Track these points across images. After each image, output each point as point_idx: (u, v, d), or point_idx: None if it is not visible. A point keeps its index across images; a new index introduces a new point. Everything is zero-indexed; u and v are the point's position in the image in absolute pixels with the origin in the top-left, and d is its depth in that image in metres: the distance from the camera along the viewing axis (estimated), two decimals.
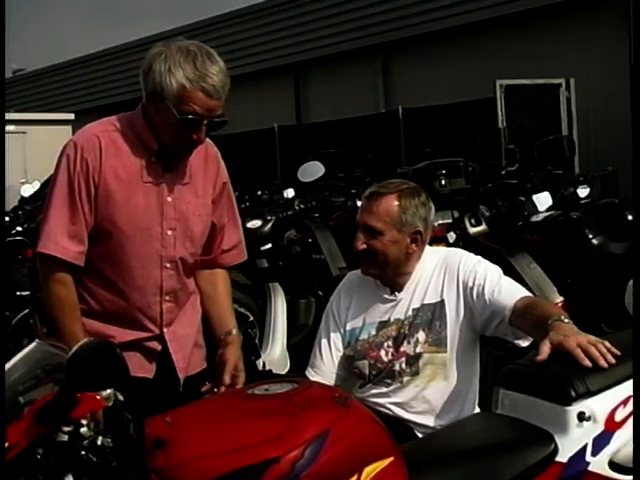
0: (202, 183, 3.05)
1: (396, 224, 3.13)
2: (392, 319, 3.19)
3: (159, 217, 2.94)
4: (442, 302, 3.14)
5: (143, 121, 2.93)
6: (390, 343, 3.17)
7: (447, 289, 3.15)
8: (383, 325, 3.20)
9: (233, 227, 3.21)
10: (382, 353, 3.17)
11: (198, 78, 2.77)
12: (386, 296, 3.23)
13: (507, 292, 3.05)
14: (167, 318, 3.01)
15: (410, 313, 3.16)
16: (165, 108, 2.82)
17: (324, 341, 3.31)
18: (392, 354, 3.15)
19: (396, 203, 3.15)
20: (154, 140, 2.92)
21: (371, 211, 3.16)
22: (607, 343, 2.65)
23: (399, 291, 3.22)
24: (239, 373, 2.96)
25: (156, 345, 3.00)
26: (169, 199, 2.95)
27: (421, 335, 3.13)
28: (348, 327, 3.26)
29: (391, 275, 3.21)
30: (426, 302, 3.16)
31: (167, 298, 3.02)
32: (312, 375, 3.27)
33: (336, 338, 3.29)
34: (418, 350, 3.12)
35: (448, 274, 3.17)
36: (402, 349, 3.14)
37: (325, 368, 3.27)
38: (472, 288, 3.09)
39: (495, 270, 3.17)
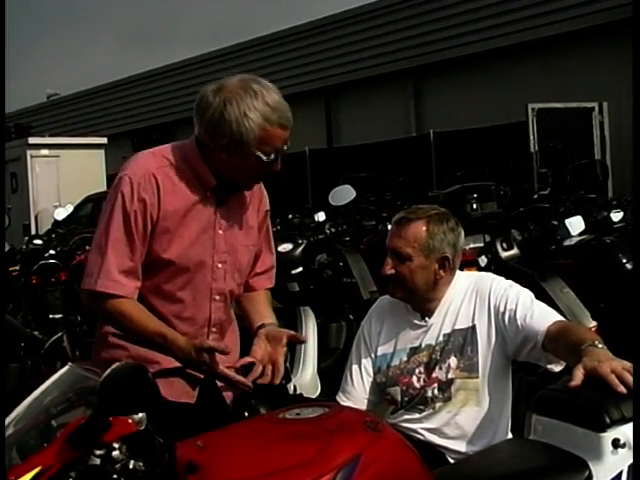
0: (250, 213, 3.09)
1: (424, 250, 3.14)
2: (423, 345, 3.18)
3: (211, 251, 2.96)
4: (473, 327, 3.13)
5: (200, 157, 2.92)
6: (422, 369, 3.16)
7: (478, 314, 3.14)
8: (414, 351, 3.19)
9: (268, 253, 3.25)
10: (414, 379, 3.16)
11: (275, 115, 2.80)
12: (417, 321, 3.22)
13: (540, 316, 3.03)
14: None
15: (441, 339, 3.15)
16: (245, 153, 2.83)
17: (355, 366, 3.30)
18: (424, 380, 3.14)
19: (424, 229, 3.15)
20: (212, 177, 2.92)
21: (399, 236, 3.17)
22: None
23: (429, 316, 3.21)
24: (269, 366, 2.93)
25: (200, 373, 2.99)
26: (220, 232, 2.98)
27: (453, 361, 3.12)
28: (379, 352, 3.26)
29: (420, 300, 3.20)
30: (457, 327, 3.15)
31: (214, 330, 3.06)
32: (343, 400, 3.26)
33: (367, 363, 3.28)
34: (450, 376, 3.11)
35: (479, 299, 3.16)
36: (434, 375, 3.13)
37: (356, 393, 3.26)
38: (504, 313, 3.08)
39: (527, 294, 3.15)
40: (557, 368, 3.03)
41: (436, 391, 3.12)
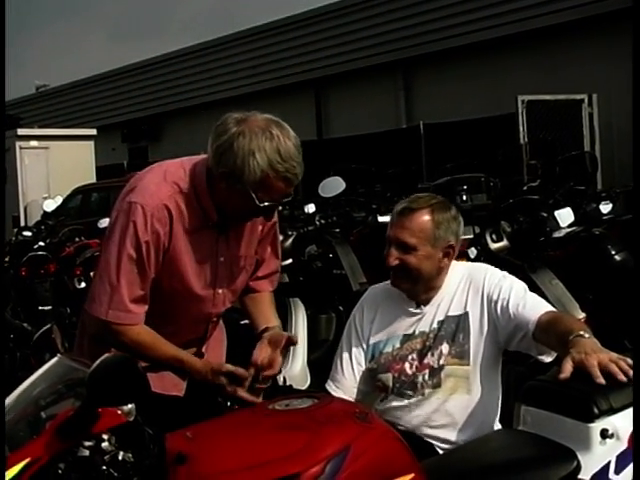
0: (249, 235, 3.05)
1: (430, 239, 3.13)
2: (417, 332, 3.18)
3: (213, 280, 2.96)
4: (466, 314, 3.14)
5: (207, 189, 2.86)
6: (414, 356, 3.16)
7: (471, 302, 3.15)
8: (408, 338, 3.19)
9: (273, 257, 3.24)
10: (406, 366, 3.16)
11: (282, 167, 2.73)
12: (412, 310, 3.22)
13: (532, 306, 3.04)
14: (207, 352, 3.11)
15: (435, 325, 3.16)
16: (241, 190, 2.77)
17: (345, 355, 3.30)
18: (416, 367, 3.15)
19: (429, 218, 3.14)
20: (215, 212, 2.88)
21: (404, 227, 3.15)
22: (629, 360, 2.63)
23: (425, 305, 3.21)
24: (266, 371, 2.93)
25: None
26: (222, 259, 2.97)
27: (445, 347, 3.13)
28: (372, 341, 3.26)
29: (421, 289, 3.20)
30: (450, 314, 3.16)
31: (206, 344, 3.13)
32: (333, 389, 3.26)
33: (358, 352, 3.28)
34: (441, 362, 3.12)
35: (473, 288, 3.17)
36: (426, 361, 3.14)
37: (346, 382, 3.26)
38: (496, 302, 3.09)
39: (521, 285, 3.16)
40: (548, 359, 3.04)
41: (426, 377, 3.13)
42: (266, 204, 2.79)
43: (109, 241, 2.86)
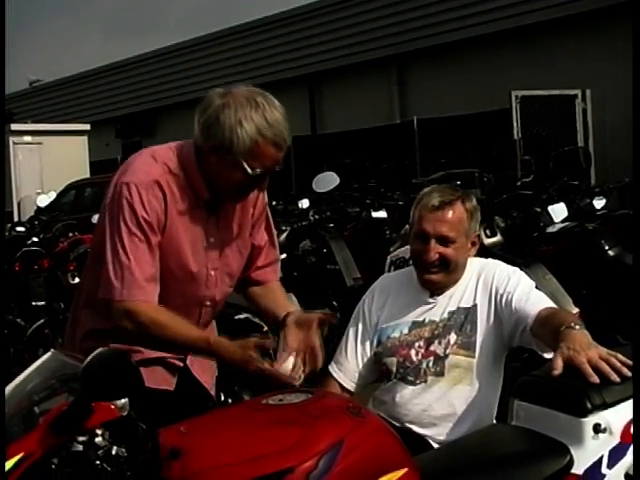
0: (241, 217, 3.04)
1: (466, 231, 3.17)
2: (427, 320, 3.18)
3: (205, 260, 2.94)
4: (475, 307, 3.15)
5: (197, 167, 2.87)
6: (422, 343, 3.16)
7: (480, 295, 3.16)
8: (417, 325, 3.19)
9: (271, 246, 3.21)
10: (412, 352, 3.16)
11: (270, 132, 2.74)
12: (426, 299, 3.22)
13: (534, 301, 3.05)
14: None
15: (445, 315, 3.17)
16: (232, 161, 2.77)
17: (351, 339, 3.30)
18: (422, 354, 3.15)
19: (463, 210, 3.16)
20: (206, 189, 2.88)
21: (443, 220, 3.14)
22: (620, 356, 2.63)
23: (439, 295, 3.21)
24: (305, 355, 2.84)
25: (179, 362, 3.00)
26: (212, 240, 2.95)
27: (452, 337, 3.13)
28: (380, 326, 3.26)
29: (448, 280, 3.21)
30: (461, 306, 3.17)
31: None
32: (334, 371, 3.27)
33: (363, 338, 3.28)
34: (447, 351, 3.12)
35: (483, 282, 3.18)
36: (432, 348, 3.14)
37: (348, 365, 3.27)
38: (502, 295, 3.10)
39: (528, 282, 3.17)
40: (548, 355, 3.03)
41: (431, 364, 3.12)
42: (258, 172, 2.78)
43: (108, 226, 2.83)
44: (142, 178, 2.82)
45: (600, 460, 2.57)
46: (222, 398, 3.07)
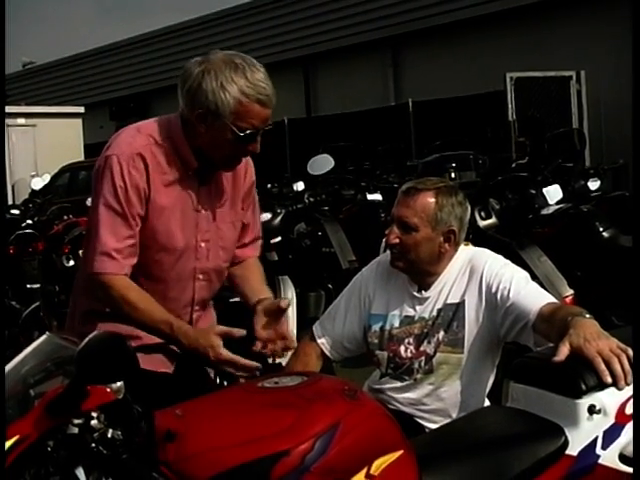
0: (232, 189, 3.05)
1: (431, 221, 3.11)
2: (417, 317, 3.18)
3: (194, 230, 2.94)
4: (462, 303, 3.12)
5: (183, 137, 2.88)
6: (411, 340, 3.16)
7: (469, 290, 3.13)
8: (408, 321, 3.19)
9: (255, 223, 3.23)
10: (402, 349, 3.17)
11: (253, 91, 2.75)
12: (414, 292, 3.21)
13: (533, 297, 3.00)
14: (195, 325, 3.03)
15: (434, 313, 3.15)
16: (220, 125, 2.78)
17: (342, 309, 3.32)
18: (411, 352, 3.15)
19: (433, 200, 3.12)
20: (194, 158, 2.89)
21: (407, 205, 3.14)
22: (630, 351, 2.58)
23: (426, 290, 3.20)
24: (278, 342, 2.91)
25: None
26: (203, 212, 2.95)
27: (441, 334, 3.12)
28: (372, 310, 3.26)
29: (420, 272, 3.19)
30: (449, 302, 3.15)
31: (197, 308, 3.06)
32: (318, 334, 3.30)
33: (355, 312, 3.29)
34: (436, 350, 3.12)
35: (472, 275, 3.14)
36: (422, 348, 3.14)
37: (334, 335, 3.29)
38: (496, 292, 3.05)
39: (522, 275, 3.13)
40: None
41: (422, 363, 3.13)
42: (248, 132, 2.79)
43: (92, 200, 2.88)
44: (124, 150, 2.84)
45: (595, 441, 2.58)
46: (217, 381, 3.06)
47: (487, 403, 3.17)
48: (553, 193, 7.44)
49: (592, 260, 6.51)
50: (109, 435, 2.07)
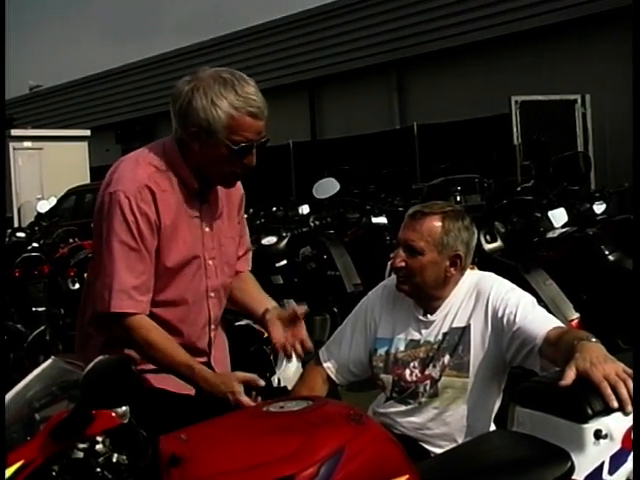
0: (227, 204, 3.07)
1: (437, 245, 3.11)
2: (422, 341, 3.17)
3: (201, 249, 2.96)
4: (468, 327, 3.11)
5: (181, 159, 2.89)
6: (416, 364, 3.15)
7: (475, 315, 3.12)
8: (413, 344, 3.18)
9: (244, 236, 3.27)
10: (407, 372, 3.16)
11: (243, 104, 2.76)
12: (419, 316, 3.21)
13: (540, 321, 2.99)
14: (214, 345, 3.06)
15: (440, 337, 3.14)
16: (214, 142, 2.79)
17: (349, 333, 3.32)
18: (416, 375, 3.14)
19: (439, 224, 3.12)
20: (194, 179, 2.90)
21: (414, 229, 3.14)
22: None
23: (432, 314, 3.19)
24: (297, 345, 2.95)
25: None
26: (207, 229, 2.97)
27: (446, 359, 3.11)
28: (377, 334, 3.26)
29: (425, 297, 3.19)
30: (454, 326, 3.13)
31: (212, 327, 3.07)
32: (324, 358, 3.29)
33: (361, 337, 3.29)
34: (441, 374, 3.11)
35: (478, 299, 3.14)
36: (427, 372, 3.12)
37: (340, 360, 3.28)
38: (502, 316, 3.04)
39: (529, 299, 3.12)
40: None
41: (427, 387, 3.12)
42: (242, 145, 2.80)
43: (99, 238, 2.86)
44: (128, 184, 2.83)
45: (601, 466, 2.57)
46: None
47: (493, 427, 3.16)
48: (558, 216, 7.45)
49: (598, 283, 6.50)
50: (114, 460, 2.06)
